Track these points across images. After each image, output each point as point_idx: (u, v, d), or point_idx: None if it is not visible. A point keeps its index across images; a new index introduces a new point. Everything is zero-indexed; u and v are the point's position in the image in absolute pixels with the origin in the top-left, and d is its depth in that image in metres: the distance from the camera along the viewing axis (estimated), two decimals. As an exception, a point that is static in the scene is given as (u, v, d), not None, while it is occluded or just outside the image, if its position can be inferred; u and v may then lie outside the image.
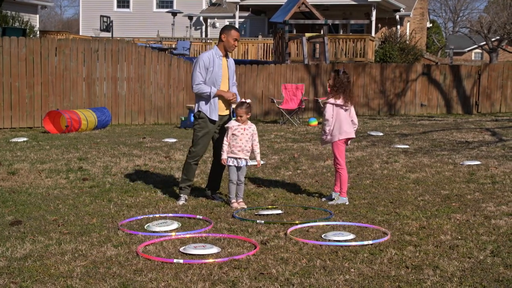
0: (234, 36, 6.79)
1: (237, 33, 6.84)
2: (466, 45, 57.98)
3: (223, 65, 6.87)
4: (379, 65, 20.21)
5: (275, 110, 17.71)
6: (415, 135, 13.58)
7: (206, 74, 6.76)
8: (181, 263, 4.78)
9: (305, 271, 4.63)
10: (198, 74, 6.76)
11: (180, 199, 6.95)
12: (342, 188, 7.00)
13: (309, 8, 24.49)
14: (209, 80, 6.77)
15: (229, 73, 6.95)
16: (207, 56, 6.80)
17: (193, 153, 6.94)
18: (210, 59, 6.77)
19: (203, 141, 6.90)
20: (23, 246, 5.19)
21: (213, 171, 7.22)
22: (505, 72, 20.36)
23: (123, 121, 15.96)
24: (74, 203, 6.88)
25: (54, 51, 14.96)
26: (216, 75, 6.79)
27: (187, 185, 7.00)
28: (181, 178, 7.10)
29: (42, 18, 44.03)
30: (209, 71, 6.77)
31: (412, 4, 35.16)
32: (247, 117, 6.80)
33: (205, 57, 6.78)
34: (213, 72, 6.77)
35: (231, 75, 6.98)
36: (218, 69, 6.81)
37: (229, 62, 6.98)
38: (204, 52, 6.90)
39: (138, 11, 37.21)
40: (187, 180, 6.99)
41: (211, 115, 6.82)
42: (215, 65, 6.78)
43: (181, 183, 7.03)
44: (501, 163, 9.58)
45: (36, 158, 9.84)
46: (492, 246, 5.26)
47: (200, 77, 6.76)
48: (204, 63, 6.75)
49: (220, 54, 6.85)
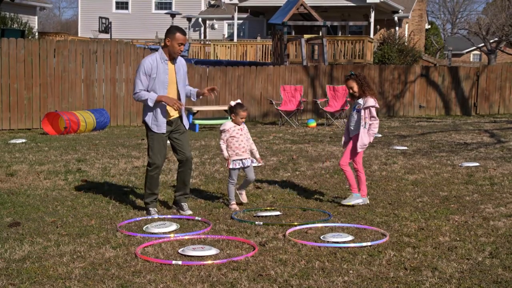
0: (179, 40, 6.18)
1: (182, 37, 6.20)
2: (464, 47, 58.04)
3: (169, 70, 6.29)
4: (378, 67, 20.23)
5: (273, 111, 17.71)
6: (414, 136, 13.58)
7: (148, 81, 6.20)
8: (180, 264, 4.78)
9: (304, 273, 4.63)
10: (138, 82, 6.22)
11: (151, 214, 6.43)
12: (362, 189, 6.91)
13: (308, 10, 24.52)
14: (152, 87, 6.22)
15: (177, 78, 6.35)
16: (149, 61, 6.21)
17: (152, 164, 6.41)
18: (153, 65, 6.19)
19: (159, 150, 6.38)
20: (22, 248, 5.19)
21: (180, 176, 6.64)
22: (504, 73, 20.39)
23: (121, 123, 15.96)
24: (73, 204, 6.87)
25: (53, 52, 14.95)
26: (160, 82, 6.22)
27: (154, 199, 6.52)
28: (144, 193, 6.54)
29: (40, 19, 44.01)
30: (151, 78, 6.20)
31: (411, 5, 35.20)
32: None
33: (147, 63, 6.20)
34: (156, 78, 6.21)
35: (179, 80, 6.38)
36: (163, 74, 6.24)
37: (177, 65, 6.36)
38: (148, 56, 6.29)
39: (137, 12, 37.22)
40: (152, 194, 6.49)
41: (154, 129, 6.33)
42: (158, 71, 6.21)
43: (146, 198, 6.50)
44: (499, 164, 9.59)
45: (34, 159, 9.83)
46: (490, 247, 5.26)
47: (140, 85, 6.21)
48: (145, 69, 6.18)
49: (165, 58, 6.25)
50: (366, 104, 6.76)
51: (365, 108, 6.76)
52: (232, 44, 30.03)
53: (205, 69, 17.80)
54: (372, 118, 6.78)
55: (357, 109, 6.85)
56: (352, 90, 6.82)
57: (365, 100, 6.78)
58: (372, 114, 6.79)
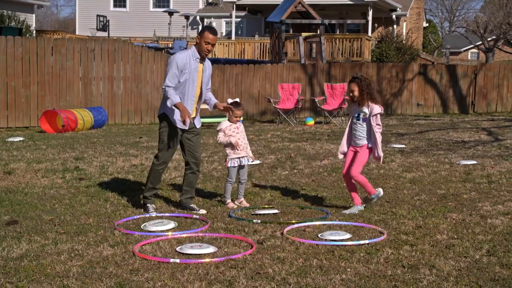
0: (207, 39, 6.17)
1: (212, 36, 6.16)
2: (462, 45, 58.02)
3: (199, 70, 6.30)
4: (376, 65, 20.24)
5: (271, 109, 17.71)
6: (412, 134, 13.59)
7: (179, 76, 6.17)
8: (178, 262, 4.78)
9: (302, 271, 4.63)
10: (171, 75, 6.14)
11: (149, 211, 6.39)
12: (370, 192, 6.54)
13: (306, 8, 24.51)
14: (183, 83, 6.21)
15: (203, 78, 6.38)
16: (183, 57, 6.20)
17: (160, 159, 6.39)
18: (186, 61, 6.19)
19: (171, 146, 6.36)
20: (19, 246, 5.19)
21: (187, 179, 6.59)
22: (501, 71, 20.40)
23: (119, 121, 15.94)
24: (71, 202, 6.87)
25: (51, 50, 14.94)
26: (191, 79, 6.24)
27: (153, 194, 6.51)
28: (146, 187, 6.50)
29: (38, 17, 43.91)
30: (183, 74, 6.18)
31: (409, 3, 35.19)
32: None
33: (181, 58, 6.18)
34: (188, 75, 6.20)
35: (205, 81, 6.40)
36: (194, 72, 6.24)
37: (205, 66, 6.38)
38: (180, 52, 6.26)
39: (135, 10, 37.18)
40: (153, 188, 6.47)
41: (177, 124, 6.28)
42: (191, 67, 6.21)
43: (146, 192, 6.47)
44: (497, 162, 9.60)
45: (32, 157, 9.82)
46: (488, 245, 5.27)
47: (172, 78, 6.15)
48: (178, 64, 6.14)
49: (197, 56, 6.25)
50: (373, 112, 6.41)
51: (373, 115, 6.44)
52: (230, 42, 30.01)
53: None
54: (377, 125, 6.48)
55: (363, 118, 6.49)
56: (353, 93, 6.49)
57: (371, 108, 6.44)
58: (378, 121, 6.48)
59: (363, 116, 6.51)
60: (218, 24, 37.00)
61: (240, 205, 6.81)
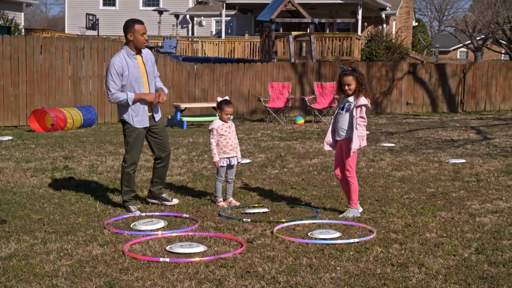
0: (140, 31, 6.24)
1: (142, 26, 6.27)
2: (451, 44, 58.30)
3: (139, 64, 6.32)
4: (365, 64, 20.29)
5: (261, 108, 17.72)
6: (401, 133, 13.64)
7: (121, 80, 6.20)
8: (168, 261, 4.77)
9: (291, 269, 4.64)
10: (111, 83, 6.19)
11: (132, 211, 6.37)
12: (353, 199, 6.29)
13: (296, 7, 24.55)
14: (127, 85, 6.23)
15: (147, 69, 6.38)
16: (118, 60, 6.21)
17: (128, 161, 6.44)
18: (123, 63, 6.20)
19: (136, 147, 6.45)
20: (8, 246, 5.16)
21: (157, 172, 6.71)
22: (490, 71, 20.52)
23: (109, 120, 15.89)
24: (60, 202, 6.84)
25: (40, 49, 14.86)
26: (133, 78, 6.24)
27: (132, 197, 6.50)
28: (122, 191, 6.48)
29: (27, 16, 43.69)
30: (124, 77, 6.20)
31: (398, 3, 35.31)
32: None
33: (116, 62, 6.19)
34: (129, 75, 6.22)
35: (149, 71, 6.40)
36: (135, 69, 6.26)
37: (145, 57, 6.39)
38: (114, 56, 6.29)
39: (124, 9, 37.04)
40: (131, 191, 6.47)
41: (136, 124, 6.39)
42: (129, 67, 6.23)
43: (125, 196, 6.46)
44: (485, 161, 9.65)
45: (21, 157, 9.77)
46: (476, 243, 5.30)
47: (113, 85, 6.20)
48: (116, 69, 6.17)
49: (132, 53, 6.29)
50: (359, 102, 6.06)
51: (357, 106, 6.07)
52: (220, 41, 29.98)
53: (193, 66, 17.77)
54: (361, 118, 6.13)
55: (347, 108, 6.15)
56: (349, 87, 6.09)
57: (357, 98, 6.10)
58: (362, 114, 6.11)
59: (348, 106, 6.17)
60: (208, 23, 36.97)
61: (230, 204, 6.80)
